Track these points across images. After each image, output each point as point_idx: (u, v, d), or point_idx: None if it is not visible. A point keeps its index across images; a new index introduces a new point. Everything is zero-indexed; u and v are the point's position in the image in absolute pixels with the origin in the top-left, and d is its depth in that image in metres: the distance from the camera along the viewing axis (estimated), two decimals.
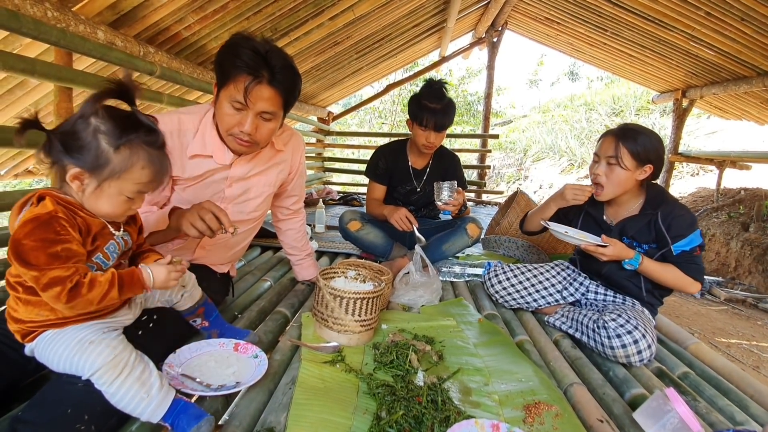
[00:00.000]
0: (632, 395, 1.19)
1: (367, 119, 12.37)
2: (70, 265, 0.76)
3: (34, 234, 0.75)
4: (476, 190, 5.70)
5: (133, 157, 0.82)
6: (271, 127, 1.25)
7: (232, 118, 1.19)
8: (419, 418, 0.97)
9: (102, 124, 0.80)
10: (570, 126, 10.26)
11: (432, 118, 2.02)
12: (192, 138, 1.28)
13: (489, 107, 5.93)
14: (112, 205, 0.85)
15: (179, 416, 0.84)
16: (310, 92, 4.64)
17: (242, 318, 1.46)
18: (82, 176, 0.81)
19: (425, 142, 2.10)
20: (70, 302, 0.76)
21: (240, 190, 1.40)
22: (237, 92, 1.15)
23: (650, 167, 1.47)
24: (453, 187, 1.95)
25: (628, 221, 1.54)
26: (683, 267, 1.46)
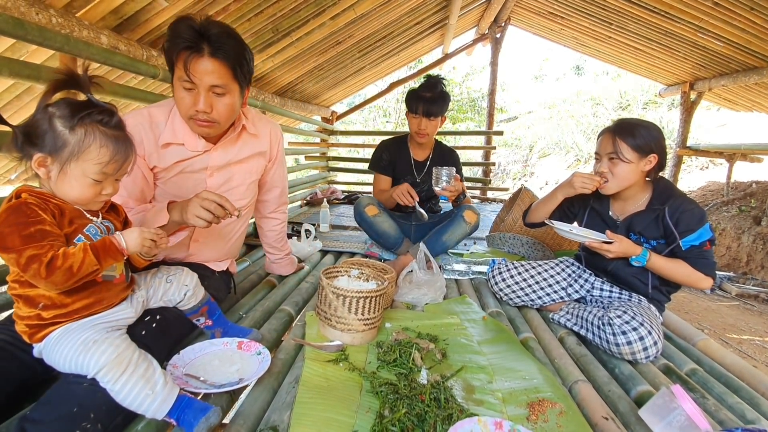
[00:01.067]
0: (638, 392, 1.18)
1: (371, 118, 12.37)
2: (44, 243, 0.80)
3: (8, 220, 0.80)
4: (481, 188, 5.67)
5: (88, 136, 0.85)
6: (227, 102, 1.23)
7: (186, 100, 1.19)
8: (422, 416, 0.97)
9: (57, 110, 0.84)
10: (576, 121, 10.16)
11: (422, 104, 2.17)
12: (163, 128, 1.30)
13: (493, 104, 5.90)
14: (79, 188, 0.87)
15: (184, 411, 0.85)
16: (313, 92, 4.65)
17: (246, 318, 1.47)
18: (45, 161, 0.85)
19: (417, 129, 2.25)
20: (50, 276, 0.79)
21: (222, 179, 1.41)
22: (182, 71, 1.15)
23: (655, 157, 1.45)
24: (451, 174, 2.05)
25: (634, 217, 1.52)
26: (693, 262, 1.43)
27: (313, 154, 5.51)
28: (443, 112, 2.25)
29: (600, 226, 1.61)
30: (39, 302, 0.86)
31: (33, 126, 0.83)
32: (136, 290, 1.06)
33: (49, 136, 0.83)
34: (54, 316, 0.86)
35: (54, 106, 0.83)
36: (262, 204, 1.71)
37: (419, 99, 2.19)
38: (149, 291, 1.09)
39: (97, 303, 0.91)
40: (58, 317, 0.86)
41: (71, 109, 0.84)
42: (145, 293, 1.08)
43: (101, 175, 0.88)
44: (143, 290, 1.08)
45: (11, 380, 0.89)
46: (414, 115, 2.24)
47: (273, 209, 1.73)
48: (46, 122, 0.83)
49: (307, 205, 4.15)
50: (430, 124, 2.24)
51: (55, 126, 0.83)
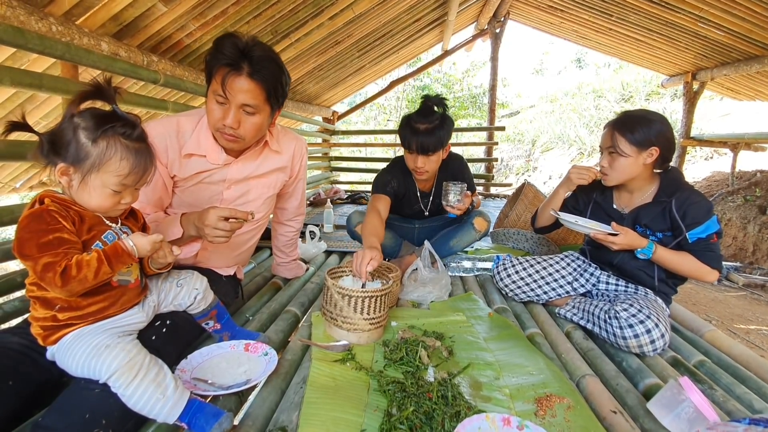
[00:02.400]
0: (646, 385, 1.17)
1: (373, 116, 12.36)
2: (59, 251, 0.82)
3: (28, 227, 0.82)
4: (484, 184, 5.66)
5: (110, 149, 0.86)
6: (255, 122, 1.25)
7: (216, 112, 1.22)
8: (430, 413, 0.98)
9: (82, 121, 0.85)
10: (579, 114, 10.11)
11: (414, 139, 1.81)
12: (189, 138, 1.32)
13: (494, 99, 5.88)
14: (99, 198, 0.89)
15: (195, 415, 0.86)
16: (313, 92, 4.65)
17: (253, 320, 1.48)
18: (68, 171, 0.86)
19: (414, 167, 1.90)
20: (66, 285, 0.81)
21: (238, 192, 1.42)
22: (218, 85, 1.17)
23: (656, 149, 1.43)
24: (462, 190, 1.87)
25: (641, 210, 1.51)
26: (700, 255, 1.42)
27: (315, 154, 5.52)
28: (444, 143, 1.86)
29: (604, 220, 1.60)
30: (56, 304, 0.88)
31: (58, 135, 0.85)
32: (148, 295, 1.07)
33: (72, 147, 0.85)
34: (69, 318, 0.88)
35: (80, 117, 0.85)
36: (280, 211, 1.74)
37: (413, 133, 1.81)
38: (160, 295, 1.11)
39: (111, 306, 0.93)
40: (73, 319, 0.88)
41: (95, 120, 0.85)
42: (156, 297, 1.09)
43: (121, 186, 0.90)
44: (154, 294, 1.09)
45: (29, 383, 0.90)
46: (408, 152, 1.88)
47: (290, 218, 1.77)
48: (70, 132, 0.84)
49: (311, 206, 4.16)
50: (429, 161, 1.86)
51: (78, 137, 0.84)
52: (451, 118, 1.89)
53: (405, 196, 2.14)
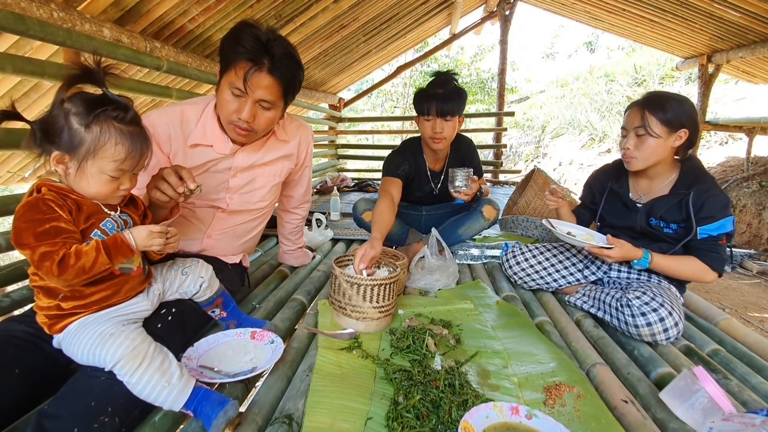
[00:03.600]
0: (658, 374, 1.15)
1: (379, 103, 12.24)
2: (56, 240, 0.80)
3: (24, 216, 0.81)
4: (492, 171, 5.59)
5: (104, 134, 0.84)
6: (270, 116, 1.25)
7: (231, 104, 1.20)
8: (437, 402, 0.97)
9: (73, 106, 0.83)
10: (590, 99, 9.88)
11: (433, 103, 1.83)
12: (194, 128, 1.29)
13: (503, 84, 5.77)
14: (97, 185, 0.87)
15: (201, 403, 0.85)
16: (319, 79, 4.60)
17: (260, 308, 1.48)
18: (63, 159, 0.84)
19: (432, 134, 1.88)
20: (63, 274, 0.80)
21: (245, 180, 1.41)
22: (237, 79, 1.15)
23: (685, 132, 1.37)
24: (468, 175, 1.86)
25: (656, 201, 1.46)
26: (703, 255, 1.38)
27: (321, 142, 5.48)
28: (461, 110, 1.89)
29: (619, 210, 1.56)
30: (59, 293, 0.87)
31: (50, 122, 0.82)
32: (153, 283, 1.06)
33: (65, 134, 0.82)
34: (73, 307, 0.87)
35: (70, 102, 0.83)
36: (286, 199, 1.74)
37: (430, 98, 1.84)
38: (165, 283, 1.10)
39: (114, 294, 0.92)
40: (77, 308, 0.87)
41: (86, 105, 0.83)
42: (161, 286, 1.08)
43: (118, 172, 0.88)
44: (159, 283, 1.08)
45: (36, 371, 0.90)
46: (426, 117, 1.87)
47: (296, 205, 1.76)
48: (62, 119, 0.82)
49: (318, 194, 4.15)
50: (446, 126, 1.86)
51: (71, 123, 0.82)
52: (464, 89, 1.91)
53: (415, 178, 2.12)
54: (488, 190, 2.25)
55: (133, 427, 0.86)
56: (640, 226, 1.49)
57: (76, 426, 0.75)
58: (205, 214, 1.40)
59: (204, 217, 1.40)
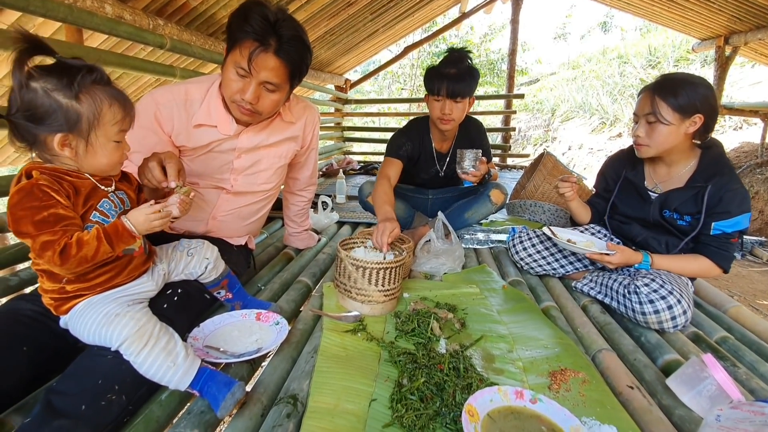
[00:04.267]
0: (665, 361, 1.14)
1: (386, 85, 12.06)
2: (57, 229, 0.78)
3: (20, 204, 0.78)
4: (501, 154, 5.51)
5: (95, 100, 0.81)
6: (275, 98, 1.22)
7: (235, 84, 1.17)
8: (441, 385, 0.97)
9: (45, 83, 0.78)
10: (602, 82, 9.65)
11: (445, 83, 1.78)
12: (198, 107, 1.27)
13: (513, 65, 5.63)
14: (108, 155, 0.86)
15: (207, 383, 0.86)
16: (325, 59, 4.52)
17: (265, 290, 1.48)
18: (67, 140, 0.81)
19: (440, 115, 1.84)
20: (65, 264, 0.79)
21: (249, 161, 1.39)
22: (242, 58, 1.12)
23: (700, 117, 1.31)
24: (477, 157, 1.84)
25: (671, 194, 1.42)
26: (712, 253, 1.35)
27: (327, 124, 5.43)
28: (472, 91, 1.83)
29: (633, 199, 1.52)
30: (62, 277, 0.86)
31: (31, 107, 0.77)
32: (158, 263, 1.06)
33: (58, 114, 0.78)
34: (78, 289, 0.87)
35: (39, 81, 0.77)
36: (292, 181, 1.72)
37: (441, 77, 1.78)
38: (170, 264, 1.10)
39: (118, 275, 0.92)
40: (82, 290, 0.87)
41: (59, 77, 0.78)
42: (167, 266, 1.08)
43: (120, 134, 0.86)
44: (164, 263, 1.08)
45: (43, 349, 0.91)
46: (436, 97, 1.83)
47: (302, 188, 1.75)
48: (45, 99, 0.77)
49: (324, 177, 4.13)
50: (456, 107, 1.82)
51: (58, 101, 0.78)
52: (477, 69, 1.86)
53: (420, 158, 2.09)
54: (497, 175, 2.22)
55: (140, 405, 0.87)
56: (653, 217, 1.46)
57: (84, 403, 0.76)
58: (210, 195, 1.39)
59: (209, 198, 1.39)
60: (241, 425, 0.84)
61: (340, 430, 0.83)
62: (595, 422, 0.89)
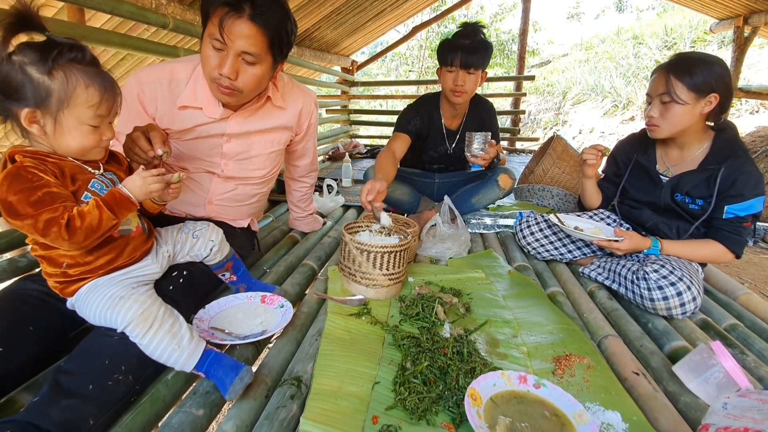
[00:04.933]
0: (672, 348, 1.13)
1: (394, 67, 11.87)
2: (57, 206, 0.78)
3: (12, 188, 0.77)
4: (509, 138, 5.42)
5: (70, 79, 0.79)
6: (255, 73, 1.14)
7: (212, 59, 1.11)
8: (444, 369, 0.97)
9: (23, 56, 0.77)
10: (615, 63, 9.38)
11: (457, 53, 1.79)
12: (183, 88, 1.23)
13: (524, 46, 5.49)
14: (79, 138, 0.83)
15: (213, 366, 0.86)
16: (331, 39, 4.43)
17: (270, 273, 1.48)
18: (35, 116, 0.80)
19: (453, 86, 1.86)
20: (72, 238, 0.78)
21: (240, 147, 1.36)
22: (215, 28, 1.06)
23: (715, 97, 1.27)
24: (486, 140, 1.82)
25: (683, 177, 1.38)
26: (724, 236, 1.32)
27: (334, 107, 5.36)
28: (485, 64, 1.85)
29: (644, 183, 1.49)
30: (62, 262, 0.86)
31: (5, 80, 0.76)
32: (162, 245, 1.06)
33: (28, 88, 0.77)
34: (80, 273, 0.87)
35: (18, 54, 0.76)
36: (292, 168, 1.70)
37: (455, 48, 1.80)
38: (176, 246, 1.10)
39: (118, 257, 0.91)
40: (84, 273, 0.88)
41: (38, 53, 0.76)
42: (171, 248, 1.08)
43: (97, 119, 0.83)
44: (169, 245, 1.08)
45: (52, 331, 0.93)
46: (449, 68, 1.84)
47: (303, 174, 1.73)
48: (18, 73, 0.76)
49: (329, 160, 4.10)
50: (468, 79, 1.84)
51: (30, 75, 0.76)
52: (491, 43, 1.88)
53: (430, 135, 2.09)
54: (505, 159, 2.19)
55: (146, 385, 0.88)
56: (664, 201, 1.42)
57: (91, 383, 0.77)
58: (203, 179, 1.37)
59: (202, 182, 1.38)
60: (245, 406, 0.84)
61: (343, 411, 0.83)
62: (599, 408, 0.89)
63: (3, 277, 1.23)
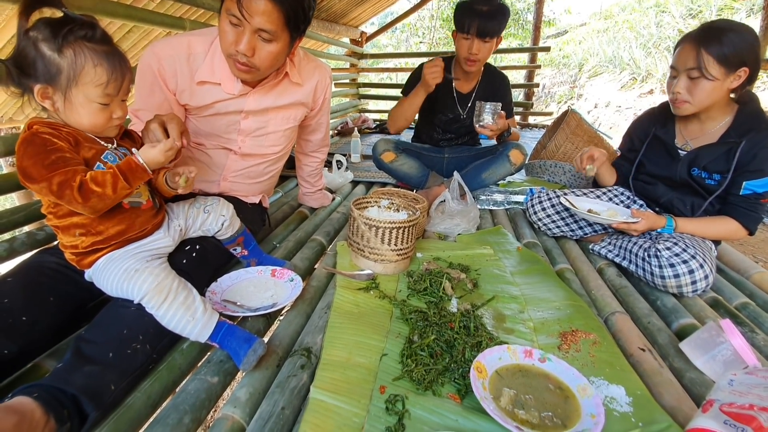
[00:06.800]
0: (680, 325, 1.13)
1: (404, 38, 11.54)
2: (69, 168, 0.80)
3: (27, 153, 0.79)
4: (522, 112, 5.29)
5: (79, 57, 0.80)
6: (271, 50, 1.13)
7: (229, 35, 1.10)
8: (451, 342, 0.98)
9: (38, 33, 0.78)
10: (636, 33, 8.98)
11: (475, 20, 1.76)
12: (201, 62, 1.22)
13: (540, 15, 5.28)
14: (89, 115, 0.85)
15: (226, 338, 0.89)
16: (339, 10, 4.31)
17: (280, 248, 1.51)
18: (47, 92, 0.82)
19: (467, 54, 1.85)
20: (87, 201, 0.80)
21: (257, 124, 1.36)
22: (232, 3, 1.05)
23: (745, 71, 1.21)
24: (496, 110, 1.80)
25: (702, 150, 1.34)
26: (740, 213, 1.29)
27: (342, 80, 5.27)
28: (501, 29, 1.83)
29: (661, 158, 1.45)
30: (74, 231, 0.89)
31: (22, 55, 0.78)
32: (174, 219, 1.08)
33: (40, 64, 0.79)
34: (92, 244, 0.90)
35: (34, 30, 0.78)
36: (304, 143, 1.70)
37: (473, 14, 1.77)
38: (188, 221, 1.12)
39: (129, 229, 0.93)
40: (96, 244, 0.90)
41: (51, 29, 0.78)
42: (183, 223, 1.10)
43: (106, 98, 0.84)
44: (181, 220, 1.10)
45: (71, 301, 0.96)
46: (465, 35, 1.82)
47: (314, 149, 1.73)
48: (32, 49, 0.78)
49: (338, 135, 4.07)
50: (484, 47, 1.83)
51: (42, 51, 0.78)
52: (508, 7, 1.85)
53: (440, 97, 2.07)
54: (518, 135, 2.15)
55: (163, 353, 0.91)
56: (680, 176, 1.39)
57: (111, 351, 0.80)
58: (219, 156, 1.38)
59: (218, 159, 1.38)
60: (258, 374, 0.88)
61: (351, 381, 0.86)
62: (603, 382, 0.90)
63: (22, 250, 1.27)
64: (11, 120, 3.22)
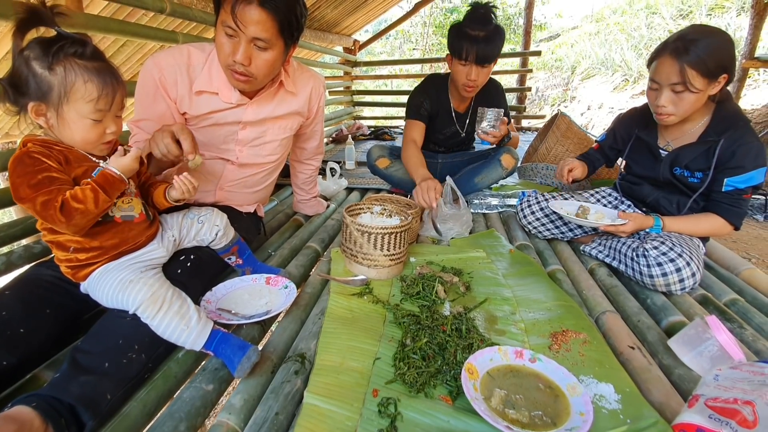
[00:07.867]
0: (669, 323, 1.15)
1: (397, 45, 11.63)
2: (52, 188, 0.81)
3: (16, 171, 0.82)
4: (515, 116, 5.34)
5: (69, 73, 0.82)
6: (267, 59, 1.17)
7: (226, 46, 1.14)
8: (443, 345, 1.00)
9: (31, 52, 0.81)
10: (627, 35, 9.09)
11: (473, 47, 1.69)
12: (200, 73, 1.25)
13: (530, 20, 5.34)
14: (81, 132, 0.86)
15: (221, 345, 0.90)
16: (332, 19, 4.36)
17: (275, 256, 1.52)
18: (41, 109, 0.84)
19: (466, 81, 1.79)
20: (69, 219, 0.81)
21: (254, 134, 1.39)
22: (227, 15, 1.08)
23: (725, 77, 1.24)
24: (498, 116, 1.80)
25: (682, 150, 1.37)
26: (724, 211, 1.31)
27: (336, 88, 5.31)
28: (499, 53, 1.76)
29: (645, 158, 1.48)
30: (69, 246, 0.90)
31: (16, 74, 0.81)
32: (167, 230, 1.10)
33: (32, 82, 0.81)
34: (88, 258, 0.91)
35: (28, 49, 0.81)
36: (299, 150, 1.72)
37: (470, 41, 1.69)
38: (182, 231, 1.13)
39: (123, 243, 0.95)
40: (92, 258, 0.91)
41: (42, 47, 0.80)
42: (177, 233, 1.12)
43: (97, 113, 0.86)
44: (175, 230, 1.12)
45: (68, 312, 0.97)
46: (462, 62, 1.74)
47: (309, 157, 1.75)
48: (25, 67, 0.80)
49: (333, 143, 4.10)
50: (482, 73, 1.76)
51: (33, 69, 0.80)
52: (503, 27, 1.77)
53: (438, 116, 2.06)
54: (518, 138, 2.16)
55: (159, 362, 0.93)
56: (663, 176, 1.42)
57: (107, 361, 0.81)
58: (216, 166, 1.40)
59: (215, 169, 1.41)
60: (252, 381, 0.89)
61: (345, 385, 0.87)
62: (593, 380, 0.92)
63: (19, 263, 1.28)
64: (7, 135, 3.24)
